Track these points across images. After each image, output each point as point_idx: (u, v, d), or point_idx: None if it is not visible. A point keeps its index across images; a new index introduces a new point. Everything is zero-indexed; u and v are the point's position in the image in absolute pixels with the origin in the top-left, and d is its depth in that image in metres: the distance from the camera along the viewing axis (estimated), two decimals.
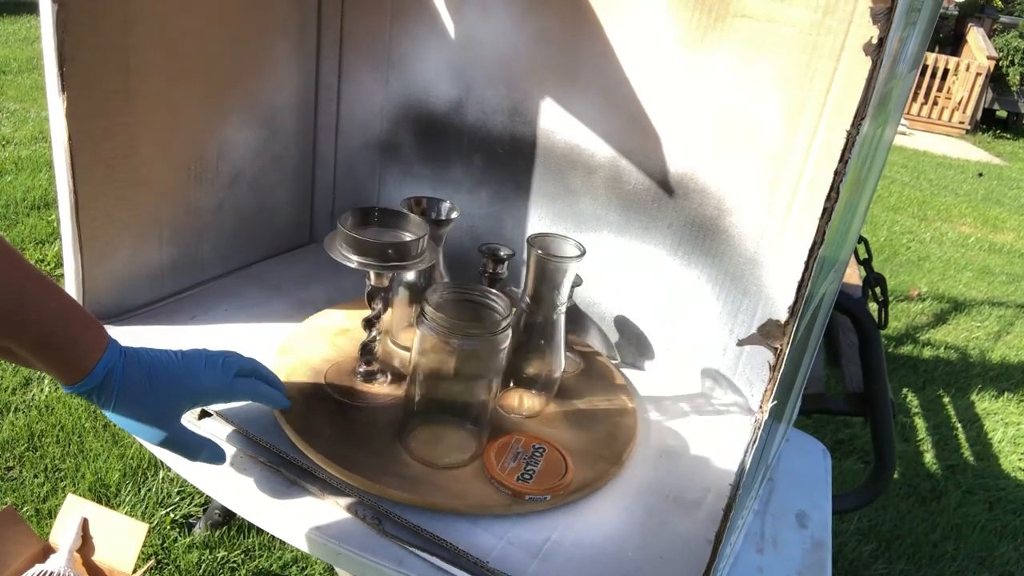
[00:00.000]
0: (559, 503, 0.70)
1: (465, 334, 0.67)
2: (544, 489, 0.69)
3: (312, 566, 1.48)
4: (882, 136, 0.67)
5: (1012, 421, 2.48)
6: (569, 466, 0.73)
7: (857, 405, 1.34)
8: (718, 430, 0.89)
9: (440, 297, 0.71)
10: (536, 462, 0.73)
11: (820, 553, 0.75)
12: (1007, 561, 1.85)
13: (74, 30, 0.73)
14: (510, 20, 0.94)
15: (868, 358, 1.31)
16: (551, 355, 0.81)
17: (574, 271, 0.79)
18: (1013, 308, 3.44)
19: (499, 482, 0.70)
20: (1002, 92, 8.24)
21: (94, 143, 0.80)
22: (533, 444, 0.76)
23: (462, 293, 0.72)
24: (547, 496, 0.69)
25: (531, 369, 0.81)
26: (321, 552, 0.67)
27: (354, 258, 0.71)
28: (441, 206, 0.85)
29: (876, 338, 1.30)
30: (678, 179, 0.90)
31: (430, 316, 0.67)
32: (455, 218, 0.84)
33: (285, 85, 1.04)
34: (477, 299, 0.72)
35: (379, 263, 0.71)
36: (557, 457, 0.74)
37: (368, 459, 0.71)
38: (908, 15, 0.44)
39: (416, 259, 0.73)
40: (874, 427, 1.30)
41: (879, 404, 1.28)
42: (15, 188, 2.86)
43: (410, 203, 0.83)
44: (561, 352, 0.82)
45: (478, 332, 0.67)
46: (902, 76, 0.62)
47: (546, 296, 0.79)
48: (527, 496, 0.69)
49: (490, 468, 0.71)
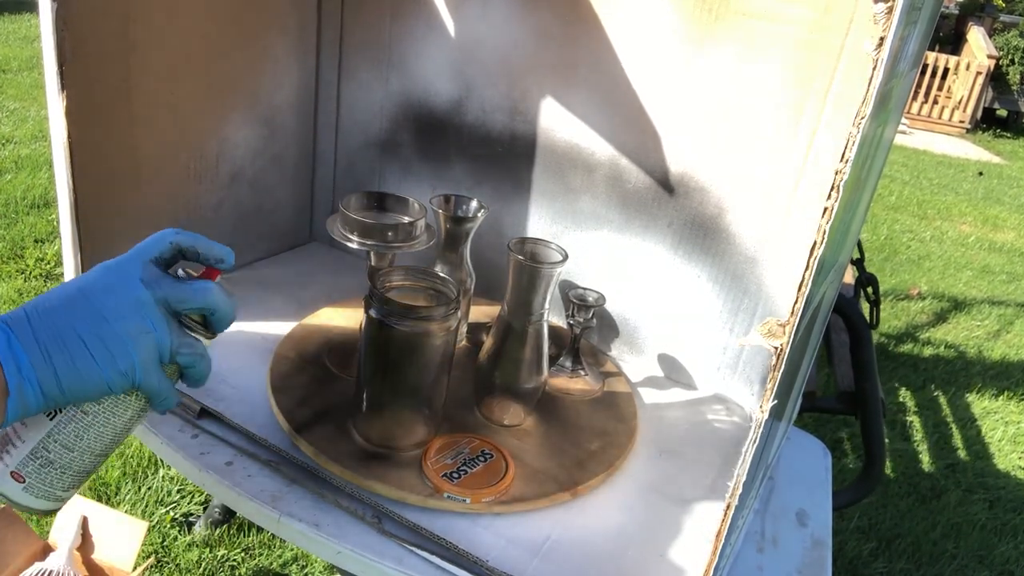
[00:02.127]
0: (482, 509, 0.69)
1: (407, 316, 0.67)
2: (466, 491, 0.69)
3: (312, 564, 1.48)
4: (882, 135, 0.67)
5: (1012, 420, 2.48)
6: (509, 476, 0.72)
7: (848, 403, 1.36)
8: (718, 429, 0.89)
9: (389, 280, 0.72)
10: (474, 465, 0.72)
11: (820, 551, 0.75)
12: (1007, 559, 1.86)
13: (74, 29, 0.73)
14: (510, 19, 0.94)
15: (859, 357, 1.32)
16: (532, 364, 0.78)
17: (557, 277, 0.77)
18: (1013, 307, 3.44)
19: (425, 474, 0.70)
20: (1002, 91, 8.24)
21: (94, 142, 0.80)
22: (483, 448, 0.75)
23: (413, 278, 0.74)
24: (467, 499, 0.68)
25: (511, 378, 0.79)
26: (321, 551, 0.67)
27: (354, 239, 0.73)
28: (469, 204, 0.86)
29: (867, 337, 1.31)
30: (678, 178, 0.90)
31: (376, 298, 0.68)
32: (481, 217, 0.85)
33: (285, 84, 1.04)
34: (428, 284, 0.73)
35: (379, 243, 0.75)
36: (500, 466, 0.73)
37: (324, 430, 0.74)
38: (909, 14, 0.44)
39: (414, 240, 0.77)
40: (864, 425, 1.32)
41: (869, 402, 1.29)
42: (15, 187, 2.86)
43: (439, 199, 0.85)
44: (543, 361, 0.79)
45: (422, 315, 0.67)
46: (903, 75, 0.62)
47: (527, 303, 0.76)
48: (445, 494, 0.69)
49: (424, 459, 0.72)
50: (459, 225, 0.85)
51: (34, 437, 0.49)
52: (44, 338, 0.45)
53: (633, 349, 1.00)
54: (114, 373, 0.47)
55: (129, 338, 0.47)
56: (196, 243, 0.53)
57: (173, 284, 0.50)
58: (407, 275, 0.74)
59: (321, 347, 0.88)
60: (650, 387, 0.96)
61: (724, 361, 0.94)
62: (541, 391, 0.81)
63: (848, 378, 1.39)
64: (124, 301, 0.48)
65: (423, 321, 0.67)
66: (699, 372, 0.96)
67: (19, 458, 0.49)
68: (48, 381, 0.45)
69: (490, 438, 0.77)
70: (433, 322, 0.68)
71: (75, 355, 0.45)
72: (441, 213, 0.85)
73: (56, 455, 0.49)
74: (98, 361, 0.46)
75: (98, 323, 0.46)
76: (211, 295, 0.52)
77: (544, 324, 0.78)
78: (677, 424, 0.89)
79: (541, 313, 0.77)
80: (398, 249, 0.77)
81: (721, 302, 0.91)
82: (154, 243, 0.52)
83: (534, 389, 0.80)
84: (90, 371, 0.46)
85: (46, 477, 0.50)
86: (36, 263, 2.38)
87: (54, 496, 0.51)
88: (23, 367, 0.44)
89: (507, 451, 0.75)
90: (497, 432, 0.79)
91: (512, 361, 0.78)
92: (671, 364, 0.98)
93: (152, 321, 0.49)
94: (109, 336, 0.47)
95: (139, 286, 0.49)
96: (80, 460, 0.50)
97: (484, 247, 1.02)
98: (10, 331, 0.45)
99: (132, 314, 0.48)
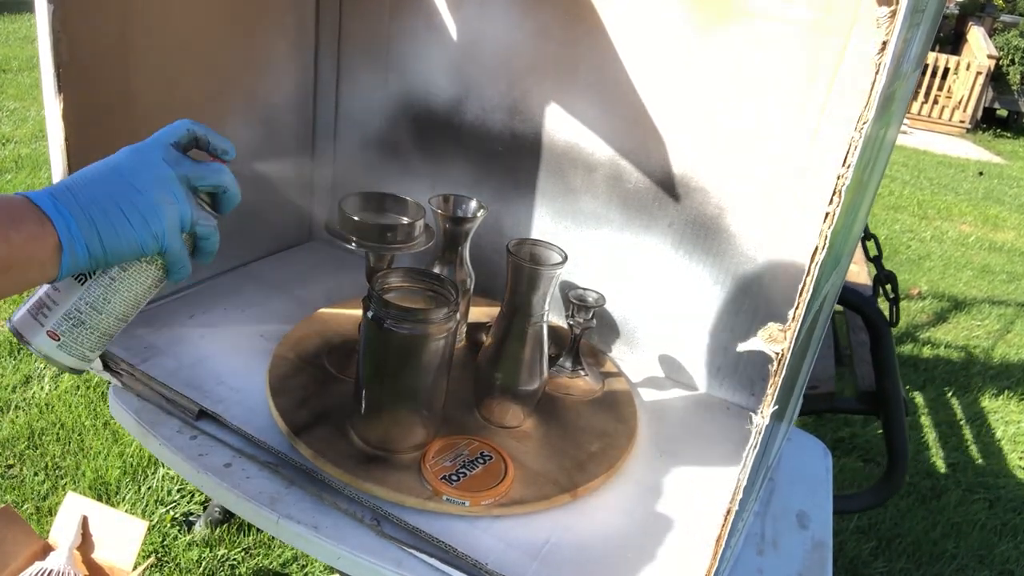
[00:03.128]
0: (481, 512, 0.69)
1: (406, 319, 0.67)
2: (465, 495, 0.69)
3: (312, 564, 1.48)
4: (885, 137, 0.66)
5: (1012, 419, 2.48)
6: (508, 479, 0.71)
7: (869, 403, 1.33)
8: (718, 431, 0.89)
9: (388, 282, 0.72)
10: (474, 467, 0.72)
11: (821, 553, 0.75)
12: (1007, 559, 1.85)
13: (71, 31, 0.73)
14: (509, 17, 0.93)
15: (879, 356, 1.30)
16: (532, 365, 0.78)
17: (557, 279, 0.76)
18: (1013, 307, 3.44)
19: (424, 476, 0.70)
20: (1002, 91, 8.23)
21: (91, 144, 0.79)
22: (482, 451, 0.75)
23: (412, 279, 0.74)
24: (466, 502, 0.68)
25: (511, 379, 0.78)
26: (320, 553, 0.66)
27: (353, 239, 0.74)
28: (468, 204, 0.86)
29: (887, 336, 1.29)
30: (679, 178, 0.89)
31: (374, 300, 0.68)
32: (480, 217, 0.85)
33: (283, 84, 1.04)
34: (426, 286, 0.73)
35: (377, 244, 0.76)
36: (499, 468, 0.73)
37: (323, 432, 0.74)
38: (912, 16, 0.43)
39: (413, 241, 0.77)
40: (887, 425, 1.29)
41: (892, 402, 1.27)
42: (15, 187, 2.85)
43: (438, 199, 0.85)
44: (542, 363, 0.78)
45: (420, 318, 0.68)
46: (906, 77, 0.62)
47: (526, 304, 0.75)
48: (444, 496, 0.68)
49: (423, 461, 0.71)
50: (458, 225, 0.85)
51: (67, 300, 0.56)
52: (87, 205, 0.52)
53: (633, 349, 1.00)
54: (147, 235, 0.54)
55: (158, 206, 0.54)
56: (207, 134, 0.60)
57: (192, 164, 0.58)
58: (406, 276, 0.74)
59: (320, 348, 0.88)
60: (650, 387, 0.96)
61: (724, 361, 0.93)
62: (541, 392, 0.80)
63: (868, 378, 1.36)
64: (152, 176, 0.55)
65: (422, 323, 0.67)
66: (699, 372, 0.96)
67: (54, 318, 0.56)
68: (93, 242, 0.52)
69: (490, 440, 0.77)
70: (432, 324, 0.67)
71: (114, 220, 0.52)
72: (440, 213, 0.84)
73: (86, 316, 0.56)
74: (134, 225, 0.53)
75: (132, 194, 0.53)
76: (225, 175, 0.60)
77: (544, 325, 0.77)
78: (677, 425, 0.89)
79: (541, 314, 0.76)
80: (397, 250, 0.77)
81: (721, 302, 0.91)
82: (172, 130, 0.59)
83: (534, 391, 0.79)
84: (127, 233, 0.53)
85: (78, 336, 0.56)
86: None
87: (83, 355, 0.58)
88: (72, 228, 0.51)
89: (507, 453, 0.75)
90: (496, 434, 0.79)
91: (512, 362, 0.78)
92: (671, 364, 0.98)
93: (175, 194, 0.56)
94: (143, 204, 0.53)
95: (163, 164, 0.56)
96: (106, 322, 0.57)
97: (484, 247, 1.02)
98: (56, 199, 0.51)
99: (159, 187, 0.55)
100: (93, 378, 1.87)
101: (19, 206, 0.50)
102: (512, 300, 0.76)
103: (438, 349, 0.70)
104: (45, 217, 0.50)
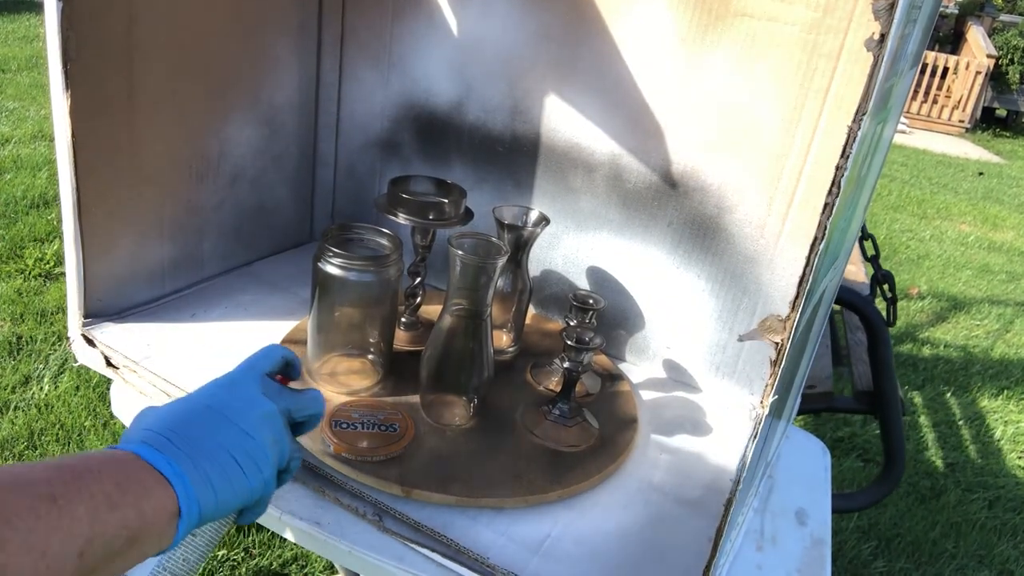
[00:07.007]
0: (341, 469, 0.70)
1: (351, 268, 0.76)
2: (340, 444, 0.70)
3: (312, 564, 1.48)
4: (882, 134, 0.67)
5: (1012, 419, 2.49)
6: (391, 449, 0.71)
7: (867, 403, 1.34)
8: (718, 428, 0.90)
9: (335, 236, 0.81)
10: (371, 428, 0.73)
11: (820, 550, 0.75)
12: (1006, 559, 1.86)
13: (78, 28, 0.73)
14: (511, 18, 0.94)
15: (877, 356, 1.30)
16: (476, 360, 0.76)
17: (499, 272, 0.75)
18: (1013, 306, 3.45)
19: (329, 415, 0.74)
20: (1002, 90, 8.24)
21: (97, 141, 0.80)
22: (395, 423, 0.75)
23: (355, 233, 0.83)
24: (330, 446, 0.70)
25: (455, 374, 0.77)
26: (321, 549, 0.67)
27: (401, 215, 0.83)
28: (529, 215, 0.90)
29: (885, 336, 1.29)
30: (678, 177, 0.90)
31: (321, 249, 0.77)
32: (541, 228, 0.88)
33: (286, 84, 1.05)
34: (368, 239, 0.83)
35: (421, 220, 0.84)
36: (392, 439, 0.72)
37: None
38: (909, 12, 0.44)
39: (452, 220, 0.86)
40: (884, 425, 1.30)
41: (889, 402, 1.28)
42: (14, 186, 2.86)
43: (500, 209, 0.89)
44: (487, 357, 0.77)
45: (362, 265, 0.77)
46: (902, 73, 0.62)
47: (470, 299, 0.74)
48: (322, 436, 0.71)
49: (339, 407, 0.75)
50: (518, 235, 0.87)
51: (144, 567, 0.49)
52: (198, 459, 0.46)
53: (633, 349, 1.00)
54: (259, 483, 0.50)
55: (268, 449, 0.50)
56: (293, 357, 0.59)
57: (292, 395, 0.55)
58: (355, 229, 0.83)
59: None
60: (650, 387, 0.96)
61: (723, 360, 0.94)
62: (485, 390, 0.79)
63: (866, 377, 1.37)
64: (258, 416, 0.51)
65: (354, 261, 0.76)
66: (699, 371, 0.96)
67: None
68: (207, 500, 0.46)
69: (411, 416, 0.77)
70: (372, 272, 0.77)
71: (230, 473, 0.48)
72: (502, 222, 0.87)
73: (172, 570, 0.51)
74: (248, 475, 0.49)
75: (244, 440, 0.49)
76: (322, 404, 0.57)
77: (488, 320, 0.76)
78: (677, 423, 0.89)
79: (484, 308, 0.75)
80: (440, 226, 0.86)
81: (721, 301, 0.92)
82: (265, 357, 0.56)
83: (476, 387, 0.78)
84: (241, 484, 0.48)
85: None
86: (35, 263, 2.39)
87: None
88: (189, 491, 0.45)
89: (414, 433, 0.75)
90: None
91: (456, 356, 0.76)
92: (671, 364, 0.98)
93: (279, 432, 0.52)
94: (255, 450, 0.49)
95: (265, 400, 0.52)
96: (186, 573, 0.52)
97: None
98: (166, 455, 0.45)
99: (267, 427, 0.51)
100: (93, 378, 1.87)
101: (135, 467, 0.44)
102: (455, 295, 0.75)
103: (372, 288, 0.78)
104: (163, 479, 0.44)
